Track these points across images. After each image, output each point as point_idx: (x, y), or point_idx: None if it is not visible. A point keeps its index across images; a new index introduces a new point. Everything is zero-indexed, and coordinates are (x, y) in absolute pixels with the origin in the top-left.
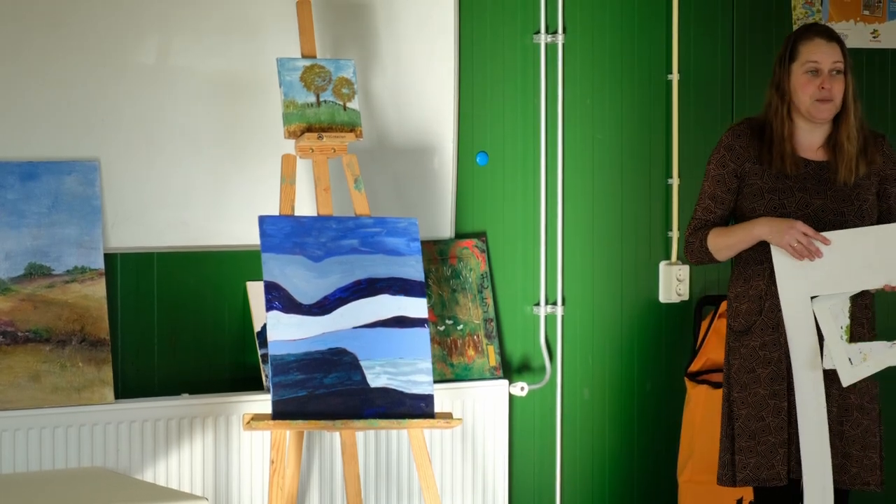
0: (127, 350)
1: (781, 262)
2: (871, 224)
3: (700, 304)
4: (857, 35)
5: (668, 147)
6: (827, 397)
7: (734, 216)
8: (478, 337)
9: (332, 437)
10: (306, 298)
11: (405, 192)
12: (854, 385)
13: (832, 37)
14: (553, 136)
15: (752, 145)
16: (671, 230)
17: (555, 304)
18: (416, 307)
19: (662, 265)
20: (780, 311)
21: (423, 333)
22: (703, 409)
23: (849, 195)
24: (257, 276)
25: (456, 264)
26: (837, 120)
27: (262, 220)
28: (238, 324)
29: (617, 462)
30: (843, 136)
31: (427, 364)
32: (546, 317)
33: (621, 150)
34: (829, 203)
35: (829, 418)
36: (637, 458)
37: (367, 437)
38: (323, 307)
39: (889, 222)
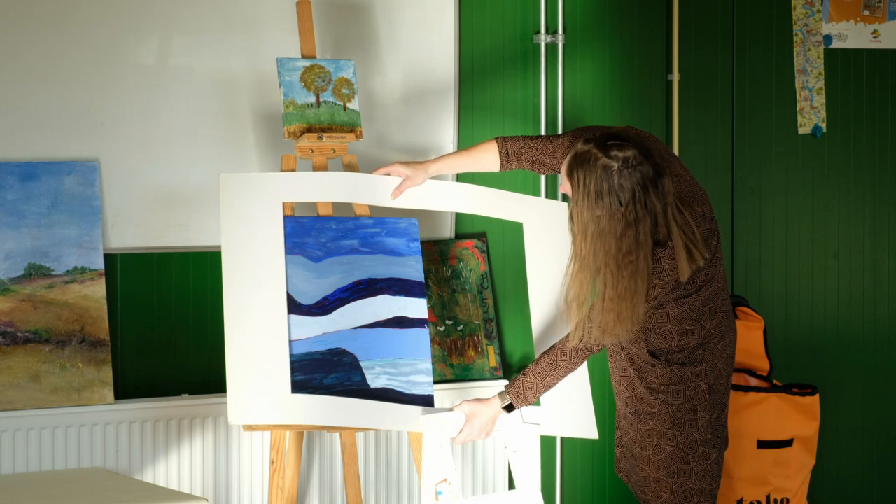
0: (127, 350)
1: None
2: None
3: None
4: (857, 35)
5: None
6: None
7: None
8: (478, 337)
9: (332, 438)
10: (306, 299)
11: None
12: None
13: None
14: None
15: None
16: None
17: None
18: (416, 307)
19: None
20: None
21: (423, 334)
22: None
23: None
24: None
25: (456, 265)
26: None
27: None
28: None
29: None
30: None
31: (427, 364)
32: None
33: None
34: None
35: None
36: None
37: (367, 437)
38: (323, 307)
39: None
